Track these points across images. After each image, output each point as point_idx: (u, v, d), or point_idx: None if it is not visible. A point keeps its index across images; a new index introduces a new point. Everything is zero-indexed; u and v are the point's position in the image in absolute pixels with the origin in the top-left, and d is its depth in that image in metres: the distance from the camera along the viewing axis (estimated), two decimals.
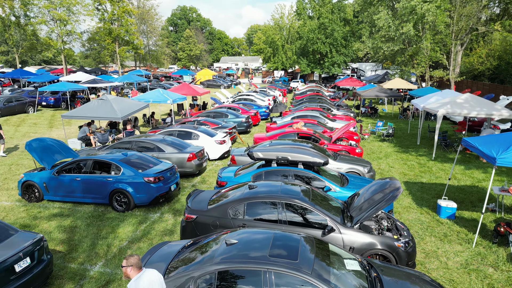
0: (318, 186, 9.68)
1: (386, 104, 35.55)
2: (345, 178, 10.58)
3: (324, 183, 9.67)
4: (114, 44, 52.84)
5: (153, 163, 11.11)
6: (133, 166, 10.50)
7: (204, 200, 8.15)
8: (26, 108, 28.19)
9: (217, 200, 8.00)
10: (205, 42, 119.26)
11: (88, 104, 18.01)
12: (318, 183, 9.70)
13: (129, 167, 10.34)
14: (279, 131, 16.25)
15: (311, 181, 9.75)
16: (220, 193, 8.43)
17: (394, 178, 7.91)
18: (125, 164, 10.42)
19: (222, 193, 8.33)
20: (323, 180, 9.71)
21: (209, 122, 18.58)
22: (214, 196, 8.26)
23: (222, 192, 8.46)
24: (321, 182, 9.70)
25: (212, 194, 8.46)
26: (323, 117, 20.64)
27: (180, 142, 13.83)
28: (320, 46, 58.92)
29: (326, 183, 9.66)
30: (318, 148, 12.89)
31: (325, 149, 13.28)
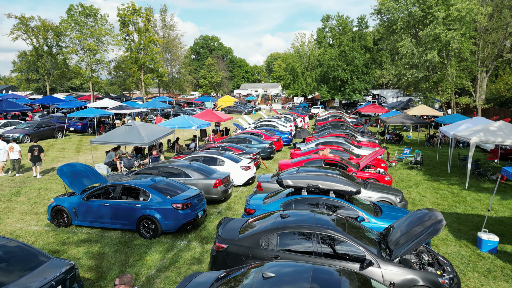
0: (351, 215, 9.33)
1: (411, 130, 34.89)
2: (378, 207, 10.20)
3: (357, 212, 9.32)
4: (139, 72, 54.56)
5: (180, 189, 11.04)
6: (161, 192, 10.45)
7: (235, 228, 7.94)
8: (55, 133, 29.03)
9: (248, 229, 7.78)
10: (226, 70, 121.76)
11: (116, 130, 18.34)
12: (351, 213, 9.36)
13: (157, 193, 10.29)
14: (304, 157, 16.03)
15: (343, 210, 9.41)
16: (251, 221, 8.22)
17: (435, 209, 7.53)
18: (153, 190, 10.38)
19: (253, 222, 8.11)
20: (356, 209, 9.37)
21: (233, 148, 18.56)
22: (245, 225, 8.04)
23: (252, 220, 8.24)
24: (353, 212, 9.36)
25: (243, 222, 8.25)
26: (348, 143, 20.34)
27: (206, 168, 13.78)
28: (340, 73, 59.16)
29: (359, 213, 9.31)
30: (347, 176, 12.58)
31: (354, 177, 12.95)
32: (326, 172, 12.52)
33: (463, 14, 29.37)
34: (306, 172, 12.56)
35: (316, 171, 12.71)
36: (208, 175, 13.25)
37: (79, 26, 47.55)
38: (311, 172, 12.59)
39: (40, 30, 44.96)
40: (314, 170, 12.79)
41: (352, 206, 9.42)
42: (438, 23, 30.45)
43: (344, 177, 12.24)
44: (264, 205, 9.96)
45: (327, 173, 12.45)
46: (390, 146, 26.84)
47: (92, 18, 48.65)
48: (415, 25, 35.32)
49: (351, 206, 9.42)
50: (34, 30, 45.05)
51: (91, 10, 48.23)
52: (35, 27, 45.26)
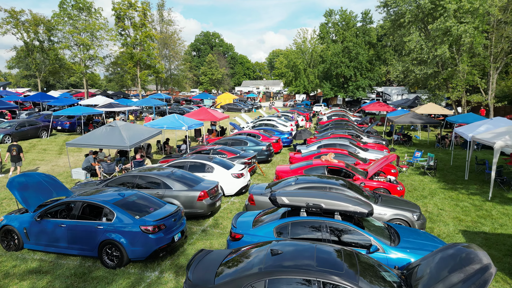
0: (361, 242, 7.44)
1: (419, 130, 32.89)
2: (393, 231, 8.30)
3: (369, 240, 7.43)
4: (135, 68, 52.66)
5: (154, 205, 9.17)
6: (130, 210, 8.58)
7: (211, 268, 6.06)
8: (39, 133, 27.22)
9: (228, 269, 5.90)
10: (227, 67, 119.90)
11: (95, 131, 16.51)
12: (361, 240, 7.47)
13: (124, 212, 8.42)
14: (305, 163, 14.13)
15: (351, 236, 7.53)
16: (233, 256, 6.34)
17: (476, 247, 5.63)
18: (119, 208, 8.51)
19: (236, 257, 6.23)
20: (367, 236, 7.47)
21: (226, 151, 16.67)
22: (225, 262, 6.16)
23: (235, 255, 6.37)
24: (364, 239, 7.46)
25: (222, 258, 6.37)
26: (354, 145, 18.43)
27: (190, 177, 11.90)
28: (344, 69, 57.15)
29: (371, 241, 7.42)
30: (355, 188, 10.68)
31: (362, 189, 11.05)
32: (330, 184, 10.64)
33: (476, 6, 27.32)
34: (306, 184, 10.68)
35: (318, 182, 10.82)
36: (193, 185, 11.38)
37: (72, 20, 45.66)
38: (312, 183, 10.71)
39: (31, 24, 43.11)
40: (316, 181, 10.91)
41: (362, 231, 7.53)
42: (449, 15, 28.40)
43: (352, 190, 10.36)
44: (253, 229, 8.07)
45: (331, 185, 10.57)
46: (398, 147, 24.90)
47: (85, 12, 46.73)
48: (424, 18, 33.24)
49: (361, 231, 7.52)
50: (25, 24, 43.20)
51: (84, 3, 46.30)
52: (25, 21, 43.41)
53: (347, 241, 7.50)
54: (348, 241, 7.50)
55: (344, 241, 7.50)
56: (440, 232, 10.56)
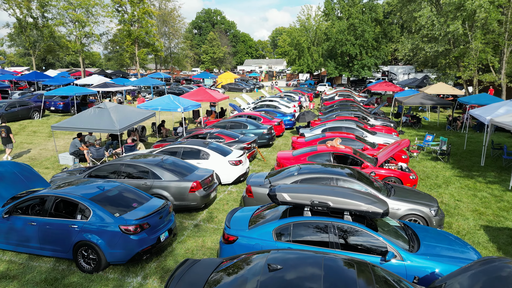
0: (375, 248, 6.37)
1: (429, 111, 31.48)
2: (411, 232, 7.21)
3: (384, 244, 6.34)
4: (133, 46, 50.92)
5: (139, 200, 8.09)
6: (109, 206, 7.51)
7: (197, 284, 5.00)
8: (31, 114, 26.08)
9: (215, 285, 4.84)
10: (229, 45, 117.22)
11: (83, 113, 15.34)
12: (375, 244, 6.38)
13: (102, 209, 7.35)
14: (309, 149, 12.97)
15: (363, 240, 6.44)
16: (223, 268, 5.27)
17: None
18: (96, 204, 7.43)
19: (225, 272, 5.15)
20: (383, 240, 6.38)
21: (224, 135, 15.50)
22: (211, 280, 5.07)
23: (225, 267, 5.29)
24: (379, 243, 6.38)
25: (209, 271, 5.29)
26: (361, 129, 17.21)
27: (182, 165, 10.79)
28: (349, 48, 55.16)
29: (387, 246, 6.33)
30: (364, 178, 9.55)
31: (372, 179, 9.92)
32: (337, 174, 9.50)
33: None
34: (310, 174, 9.55)
35: (324, 171, 9.69)
36: (185, 175, 10.27)
37: None
38: (317, 173, 9.57)
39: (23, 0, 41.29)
40: (321, 170, 9.77)
41: (376, 234, 6.43)
42: None
43: (361, 182, 9.23)
44: (250, 230, 7.00)
45: (338, 175, 9.44)
46: (406, 130, 23.63)
47: None
48: None
49: (375, 234, 6.43)
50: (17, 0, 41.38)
51: None
52: None
53: (358, 246, 6.42)
54: (360, 246, 6.42)
55: (355, 246, 6.43)
56: (459, 228, 9.48)
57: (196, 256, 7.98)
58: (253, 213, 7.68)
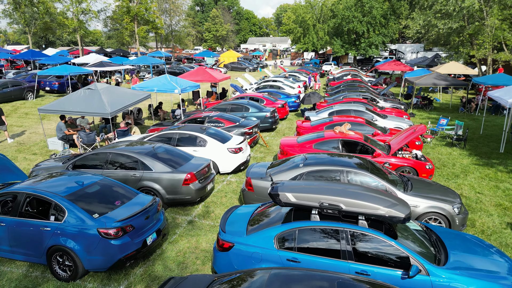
0: (395, 259, 5.39)
1: (440, 92, 30.06)
2: (435, 238, 6.22)
3: (406, 256, 5.36)
4: (132, 23, 49.24)
5: (123, 197, 7.13)
6: (88, 205, 6.56)
7: None
8: (24, 94, 25.04)
9: None
10: (232, 23, 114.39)
11: (72, 95, 14.28)
12: (395, 255, 5.40)
13: (78, 209, 6.40)
14: (315, 135, 11.89)
15: (381, 251, 5.46)
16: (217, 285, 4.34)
17: None
18: (72, 203, 6.47)
19: None
20: (405, 251, 5.39)
21: (224, 119, 14.42)
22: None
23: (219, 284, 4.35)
24: (399, 253, 5.40)
25: None
26: (370, 112, 16.06)
27: (176, 154, 9.78)
28: (356, 25, 53.08)
29: (411, 258, 5.35)
30: (377, 171, 8.51)
31: (387, 171, 8.88)
32: (347, 165, 8.46)
33: None
34: (317, 166, 8.51)
35: (332, 163, 8.65)
36: (178, 165, 9.28)
37: None
38: (325, 164, 8.53)
39: None
40: (329, 161, 8.73)
41: (397, 244, 5.43)
42: None
43: (375, 175, 8.21)
44: (248, 235, 6.03)
45: (349, 167, 8.40)
46: (417, 112, 22.40)
47: None
48: None
49: (397, 245, 5.43)
50: None
51: None
52: None
53: (376, 258, 5.44)
54: (378, 258, 5.44)
55: (372, 258, 5.45)
56: (483, 226, 8.49)
57: (188, 260, 7.08)
58: (252, 213, 6.71)
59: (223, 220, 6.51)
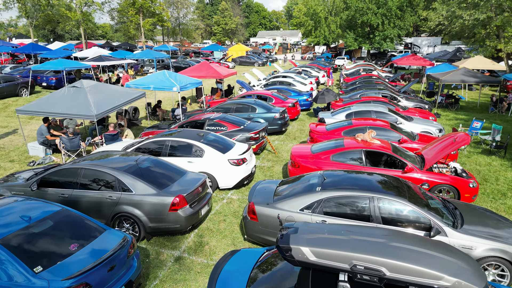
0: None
1: (466, 89, 27.73)
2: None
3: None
4: (138, 15, 47.55)
5: (82, 238, 5.36)
6: (30, 253, 4.81)
7: None
8: (18, 91, 23.54)
9: None
10: (241, 16, 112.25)
11: (54, 94, 12.61)
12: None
13: (14, 259, 4.65)
14: (333, 143, 10.03)
15: None
16: None
17: None
18: (9, 252, 4.72)
19: None
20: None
21: (226, 122, 12.59)
22: None
23: None
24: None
25: None
26: (394, 114, 14.09)
27: (164, 169, 8.00)
28: (370, 17, 50.55)
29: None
30: (416, 197, 6.62)
31: (426, 197, 6.98)
32: (378, 191, 6.59)
33: None
34: (339, 191, 6.65)
35: (358, 185, 6.79)
36: (165, 184, 7.51)
37: None
38: (349, 188, 6.67)
39: None
40: (355, 182, 6.88)
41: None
42: None
43: (413, 203, 6.32)
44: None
45: (380, 193, 6.53)
46: (442, 112, 20.28)
47: None
48: None
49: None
50: None
51: None
52: None
53: None
54: None
55: None
56: None
57: None
58: (253, 267, 4.90)
59: (211, 279, 4.71)
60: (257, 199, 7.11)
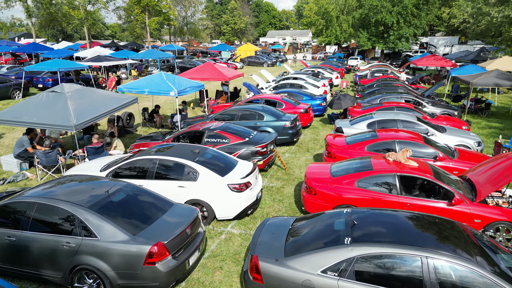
0: None
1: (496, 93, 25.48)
2: None
3: None
4: (143, 14, 46.04)
5: None
6: None
7: None
8: (10, 93, 22.05)
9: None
10: (251, 15, 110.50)
11: (30, 100, 10.95)
12: None
13: None
14: (358, 164, 8.14)
15: None
16: None
17: None
18: None
19: None
20: None
21: (229, 133, 10.77)
22: None
23: None
24: None
25: None
26: (423, 123, 12.13)
27: (143, 204, 6.20)
28: (385, 15, 48.26)
29: None
30: (485, 257, 4.70)
31: (495, 250, 5.06)
32: (435, 247, 4.69)
33: None
34: (377, 246, 4.76)
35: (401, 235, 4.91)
36: (141, 226, 5.71)
37: None
38: (392, 245, 4.78)
39: None
40: (396, 231, 4.99)
41: None
42: None
43: (496, 275, 4.40)
44: None
45: (441, 256, 4.63)
46: (472, 119, 18.18)
47: None
48: None
49: None
50: None
51: None
52: None
53: None
54: None
55: None
56: None
57: None
58: None
59: None
60: (262, 250, 5.25)
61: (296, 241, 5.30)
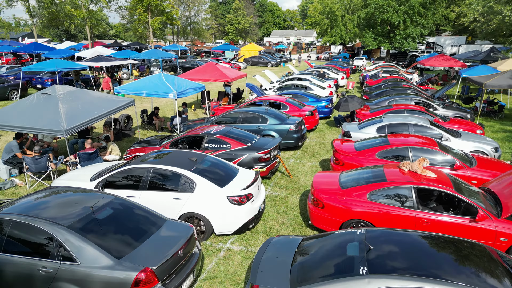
0: None
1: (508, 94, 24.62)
2: None
3: None
4: (146, 13, 45.52)
5: None
6: None
7: None
8: (8, 93, 21.54)
9: None
10: (255, 15, 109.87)
11: (20, 102, 10.41)
12: None
13: None
14: (370, 174, 7.46)
15: None
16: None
17: None
18: None
19: None
20: None
21: (230, 138, 10.11)
22: None
23: None
24: None
25: None
26: (436, 127, 11.41)
27: (131, 222, 5.56)
28: (391, 15, 47.42)
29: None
30: None
31: None
32: (465, 281, 3.99)
33: None
34: (397, 279, 4.09)
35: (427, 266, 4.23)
36: (127, 249, 5.07)
37: None
38: (415, 275, 4.11)
39: None
40: (417, 253, 4.31)
41: None
42: None
43: None
44: None
45: None
46: (485, 122, 17.41)
47: None
48: None
49: None
50: None
51: None
52: None
53: None
54: None
55: None
56: None
57: None
58: None
59: None
60: (265, 279, 4.59)
61: (303, 268, 4.62)
